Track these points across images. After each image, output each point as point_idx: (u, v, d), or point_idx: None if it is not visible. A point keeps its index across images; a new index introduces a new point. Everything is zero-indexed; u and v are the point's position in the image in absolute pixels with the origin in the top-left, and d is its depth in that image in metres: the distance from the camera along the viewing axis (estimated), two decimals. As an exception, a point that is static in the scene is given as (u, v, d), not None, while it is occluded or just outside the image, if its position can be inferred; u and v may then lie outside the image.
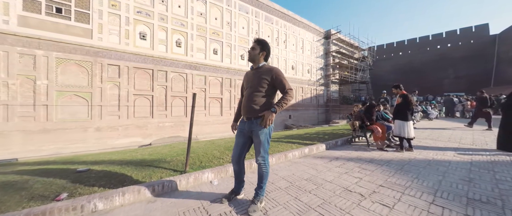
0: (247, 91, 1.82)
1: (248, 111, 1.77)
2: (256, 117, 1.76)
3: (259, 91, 1.76)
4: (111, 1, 10.19)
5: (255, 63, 1.84)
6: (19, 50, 8.16)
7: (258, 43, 1.82)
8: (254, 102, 1.75)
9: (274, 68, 1.79)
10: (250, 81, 1.81)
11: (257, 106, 1.75)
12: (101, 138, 9.75)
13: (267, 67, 1.80)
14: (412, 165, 3.19)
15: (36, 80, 8.47)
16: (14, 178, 2.24)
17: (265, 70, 1.78)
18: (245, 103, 1.81)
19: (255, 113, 1.75)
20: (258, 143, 1.77)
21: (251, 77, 1.82)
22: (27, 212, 1.54)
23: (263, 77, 1.75)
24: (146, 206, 1.87)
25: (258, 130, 1.74)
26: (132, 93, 10.68)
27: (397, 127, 4.04)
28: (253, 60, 1.83)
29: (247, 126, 1.79)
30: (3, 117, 7.90)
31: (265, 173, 1.81)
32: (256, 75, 1.79)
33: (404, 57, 34.55)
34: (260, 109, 1.75)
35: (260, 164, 1.79)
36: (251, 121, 1.77)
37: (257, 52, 1.81)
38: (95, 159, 3.23)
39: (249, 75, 1.86)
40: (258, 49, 1.81)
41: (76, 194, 1.86)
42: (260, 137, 1.74)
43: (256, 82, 1.77)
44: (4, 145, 7.83)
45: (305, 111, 20.72)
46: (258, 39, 1.83)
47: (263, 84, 1.75)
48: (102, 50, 9.84)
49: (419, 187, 2.35)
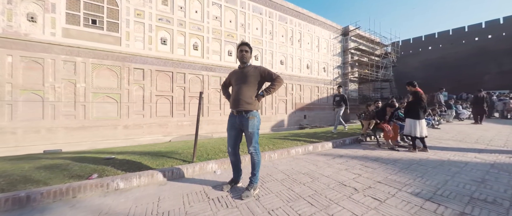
0: (236, 88, 2.03)
1: (238, 104, 1.96)
2: (246, 111, 1.94)
3: (247, 87, 1.97)
4: (137, 11, 11.26)
5: (246, 63, 2.05)
6: (63, 58, 9.52)
7: (249, 46, 2.05)
8: (244, 96, 1.95)
9: (259, 66, 2.07)
10: (239, 78, 2.02)
11: (246, 100, 1.95)
12: (128, 134, 10.83)
13: (253, 66, 2.06)
14: (420, 165, 3.07)
15: (76, 84, 9.78)
16: (59, 161, 2.77)
17: (252, 68, 2.02)
18: (235, 98, 1.99)
19: (245, 106, 1.94)
20: (248, 135, 1.96)
21: (240, 75, 2.03)
22: (68, 186, 1.95)
23: (251, 74, 1.98)
24: (158, 187, 2.19)
25: (247, 123, 1.93)
26: (154, 94, 11.65)
27: (408, 126, 3.86)
28: (246, 61, 2.04)
29: (238, 119, 1.99)
30: (51, 115, 9.29)
31: (257, 161, 2.00)
32: (244, 73, 2.01)
33: (434, 52, 31.39)
34: (248, 102, 1.95)
35: (252, 153, 1.98)
36: (241, 114, 1.97)
37: (249, 54, 2.05)
38: (120, 151, 3.74)
39: (237, 73, 2.06)
40: (250, 51, 2.05)
41: (103, 175, 2.26)
42: (250, 128, 1.94)
43: (244, 79, 1.98)
44: (51, 139, 9.20)
45: (321, 111, 20.19)
46: (247, 43, 2.06)
47: (251, 81, 1.97)
48: (129, 55, 10.93)
49: (420, 185, 2.30)
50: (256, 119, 1.97)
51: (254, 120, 1.95)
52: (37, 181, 2.07)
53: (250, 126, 1.93)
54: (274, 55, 16.82)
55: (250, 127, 1.94)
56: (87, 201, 1.89)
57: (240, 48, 2.03)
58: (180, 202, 1.88)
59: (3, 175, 2.19)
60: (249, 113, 1.95)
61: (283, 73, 17.20)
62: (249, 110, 1.94)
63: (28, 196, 1.77)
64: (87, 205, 1.81)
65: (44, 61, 9.17)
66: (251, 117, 1.94)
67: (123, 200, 1.91)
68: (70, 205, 1.80)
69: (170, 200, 1.91)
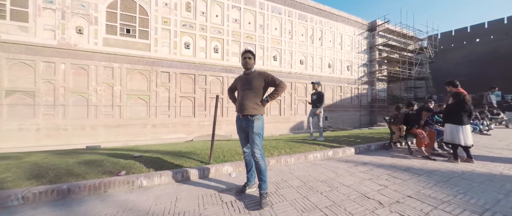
0: (241, 93, 2.13)
1: (243, 108, 2.05)
2: (251, 114, 2.03)
3: (252, 93, 2.06)
4: (164, 19, 12.16)
5: (250, 69, 2.15)
6: (103, 64, 10.78)
7: (252, 53, 2.14)
8: (249, 101, 2.04)
9: (262, 72, 2.15)
10: (244, 84, 2.12)
11: (252, 105, 2.04)
12: (156, 133, 11.75)
13: (258, 72, 2.15)
14: (463, 178, 2.65)
15: (113, 87, 10.98)
16: (96, 158, 3.12)
17: (256, 74, 2.12)
18: (241, 103, 2.09)
19: (250, 111, 2.03)
20: (252, 137, 2.02)
21: (245, 81, 2.13)
22: (100, 181, 2.18)
23: (255, 80, 2.08)
24: (176, 187, 2.31)
25: (252, 124, 2.02)
26: (179, 96, 12.43)
27: (448, 132, 3.36)
28: (250, 67, 2.14)
29: (244, 122, 2.09)
30: (93, 115, 10.60)
31: (263, 167, 1.97)
32: (249, 79, 2.11)
33: (483, 45, 27.01)
34: (254, 107, 2.04)
35: (257, 158, 1.97)
36: (247, 118, 2.06)
37: (252, 61, 2.15)
38: (147, 149, 4.06)
39: (243, 79, 2.17)
40: (253, 58, 2.15)
41: (130, 172, 2.47)
42: (255, 129, 2.01)
43: (249, 85, 2.08)
44: (93, 136, 10.48)
45: (344, 112, 19.07)
46: (250, 50, 2.18)
47: (255, 86, 2.06)
48: (157, 60, 11.86)
49: (462, 203, 1.97)
50: (260, 121, 2.05)
51: (259, 121, 2.04)
52: (77, 175, 2.36)
53: (255, 127, 2.01)
54: (293, 55, 16.47)
55: (255, 128, 2.00)
56: (115, 196, 2.09)
57: (243, 56, 2.14)
58: (195, 203, 1.95)
59: (53, 168, 2.56)
60: (254, 116, 2.04)
61: (303, 73, 16.73)
62: (254, 114, 2.04)
63: (69, 189, 2.03)
64: (115, 200, 1.99)
65: (88, 67, 10.52)
66: (256, 119, 2.03)
67: (144, 197, 2.06)
68: (101, 199, 2.01)
69: (186, 201, 1.99)
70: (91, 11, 10.60)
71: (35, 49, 9.57)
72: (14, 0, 9.35)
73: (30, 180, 2.18)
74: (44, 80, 9.77)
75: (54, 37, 9.97)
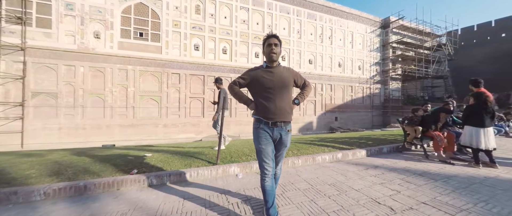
0: (272, 93, 1.53)
1: (280, 113, 1.53)
2: (285, 122, 1.56)
3: (287, 92, 1.58)
4: (174, 22, 12.51)
5: (275, 61, 1.59)
6: (118, 66, 11.30)
7: (278, 39, 1.57)
8: (284, 104, 1.55)
9: (288, 67, 1.67)
10: (273, 81, 1.53)
11: (287, 109, 1.56)
12: (166, 132, 12.11)
13: (283, 66, 1.64)
14: (485, 185, 2.47)
15: (127, 88, 11.47)
16: (111, 156, 3.28)
17: (285, 70, 1.61)
18: (276, 105, 1.52)
19: (286, 117, 1.56)
20: (281, 153, 1.64)
21: (272, 77, 1.54)
22: (113, 179, 2.29)
23: (286, 76, 1.58)
24: (184, 187, 2.36)
25: (287, 137, 1.59)
26: (188, 96, 12.72)
27: (468, 135, 3.14)
28: (276, 59, 1.57)
29: (276, 132, 1.55)
30: (109, 115, 11.13)
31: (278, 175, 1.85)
32: (278, 75, 1.56)
33: (509, 40, 25.00)
34: (289, 112, 1.58)
35: (277, 173, 1.78)
36: (280, 127, 1.55)
37: (279, 49, 1.57)
38: (158, 149, 4.20)
39: (268, 74, 1.55)
40: (280, 44, 1.58)
41: (141, 171, 2.57)
42: (288, 144, 1.62)
43: (281, 83, 1.55)
44: (109, 135, 11.01)
45: (355, 113, 18.50)
46: (275, 34, 1.59)
47: (288, 85, 1.58)
48: (168, 62, 12.22)
49: (484, 212, 1.84)
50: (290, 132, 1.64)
51: (290, 133, 1.63)
52: (92, 172, 2.49)
53: (288, 141, 1.61)
54: (302, 55, 16.25)
55: (289, 142, 1.61)
56: (127, 194, 2.18)
57: (267, 42, 1.55)
58: (202, 203, 1.98)
59: (71, 166, 2.72)
60: (288, 124, 1.60)
61: (312, 73, 16.45)
62: (288, 120, 1.59)
63: (85, 186, 2.15)
64: (126, 198, 2.08)
65: (105, 70, 11.07)
66: (290, 130, 1.61)
67: (154, 196, 2.13)
68: (113, 197, 2.11)
69: (194, 201, 2.03)
70: (107, 16, 11.15)
71: (57, 54, 10.24)
72: (39, 8, 10.07)
73: (51, 177, 2.33)
74: (65, 83, 10.43)
75: (74, 42, 10.60)
